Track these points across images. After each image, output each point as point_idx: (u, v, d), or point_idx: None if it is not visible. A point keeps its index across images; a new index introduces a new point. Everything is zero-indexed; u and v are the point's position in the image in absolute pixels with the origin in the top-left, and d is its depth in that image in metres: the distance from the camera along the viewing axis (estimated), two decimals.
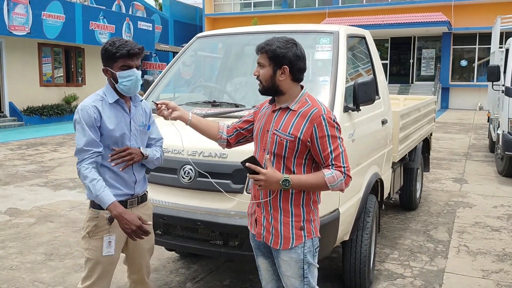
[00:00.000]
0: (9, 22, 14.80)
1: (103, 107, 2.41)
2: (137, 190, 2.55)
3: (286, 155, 2.17)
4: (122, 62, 2.38)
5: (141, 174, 2.59)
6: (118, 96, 2.46)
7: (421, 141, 6.06)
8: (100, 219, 2.45)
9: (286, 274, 2.27)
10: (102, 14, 18.73)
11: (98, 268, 2.47)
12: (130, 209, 2.51)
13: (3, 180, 7.71)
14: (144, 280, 2.76)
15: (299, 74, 2.21)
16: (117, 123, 2.44)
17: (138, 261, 2.67)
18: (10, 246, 4.72)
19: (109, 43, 2.40)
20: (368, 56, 4.14)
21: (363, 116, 3.47)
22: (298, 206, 2.20)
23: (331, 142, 2.12)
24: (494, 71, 8.35)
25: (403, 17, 22.83)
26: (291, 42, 2.19)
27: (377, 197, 3.96)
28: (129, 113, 2.52)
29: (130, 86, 2.42)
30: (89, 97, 2.48)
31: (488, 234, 5.12)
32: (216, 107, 3.49)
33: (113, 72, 2.40)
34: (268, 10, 27.98)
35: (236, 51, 4.44)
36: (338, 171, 2.11)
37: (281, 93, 2.21)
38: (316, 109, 2.14)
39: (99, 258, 2.46)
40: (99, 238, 2.46)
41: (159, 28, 25.94)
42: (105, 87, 2.50)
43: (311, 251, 2.25)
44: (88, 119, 2.36)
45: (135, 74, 2.43)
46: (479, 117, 18.99)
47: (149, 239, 2.67)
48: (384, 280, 3.94)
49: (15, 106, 15.94)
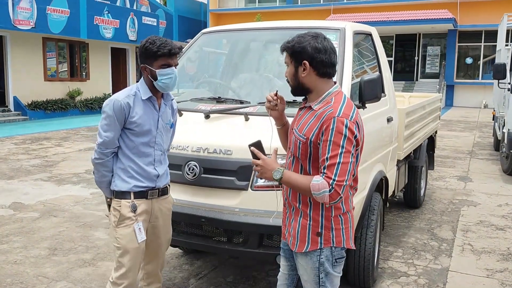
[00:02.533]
0: (14, 17, 14.81)
1: (134, 103, 2.50)
2: (158, 183, 2.64)
3: (300, 157, 2.08)
4: (163, 61, 2.47)
5: (163, 168, 2.67)
6: (151, 93, 2.54)
7: (426, 139, 6.04)
8: (123, 207, 2.53)
9: (304, 278, 2.20)
10: (107, 9, 18.71)
11: (127, 257, 2.54)
12: (151, 200, 2.61)
13: (7, 174, 7.73)
14: (157, 273, 2.84)
15: (323, 68, 2.06)
16: (146, 119, 2.53)
17: (155, 251, 2.75)
18: (14, 240, 4.74)
19: (149, 42, 2.47)
20: (374, 53, 4.12)
21: (368, 113, 3.45)
22: (317, 211, 2.07)
23: (331, 148, 1.94)
24: (500, 69, 8.29)
25: (408, 14, 22.72)
26: (310, 35, 2.07)
27: (382, 195, 3.94)
28: (159, 111, 2.60)
29: (169, 83, 2.51)
30: (122, 91, 2.57)
31: (493, 233, 5.09)
32: (221, 103, 3.48)
33: (152, 70, 2.48)
34: (272, 6, 27.90)
35: (241, 47, 4.43)
36: (325, 181, 1.92)
37: (308, 90, 2.10)
38: (332, 110, 1.99)
39: (126, 246, 2.53)
40: (125, 226, 2.53)
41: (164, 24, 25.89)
42: (140, 83, 2.58)
43: (330, 261, 2.11)
44: (120, 116, 2.46)
45: (174, 72, 2.52)
46: (484, 115, 18.90)
47: (167, 231, 2.79)
48: (388, 278, 3.93)
49: (19, 101, 15.98)
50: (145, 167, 2.56)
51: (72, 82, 18.30)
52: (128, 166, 2.54)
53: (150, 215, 2.63)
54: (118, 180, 2.55)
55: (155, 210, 2.64)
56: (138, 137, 2.53)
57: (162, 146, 2.65)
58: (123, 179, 2.54)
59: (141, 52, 2.51)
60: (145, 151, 2.56)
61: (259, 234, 2.93)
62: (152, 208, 2.62)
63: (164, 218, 2.72)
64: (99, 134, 2.49)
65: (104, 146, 2.49)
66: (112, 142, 2.50)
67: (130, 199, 2.54)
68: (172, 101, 2.74)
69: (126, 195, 2.54)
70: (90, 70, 19.23)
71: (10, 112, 15.84)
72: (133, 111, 2.49)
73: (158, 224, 2.68)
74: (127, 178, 2.54)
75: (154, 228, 2.67)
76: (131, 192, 2.54)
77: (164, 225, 2.73)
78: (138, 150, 2.55)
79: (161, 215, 2.69)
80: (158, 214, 2.66)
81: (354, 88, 3.30)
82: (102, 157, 2.52)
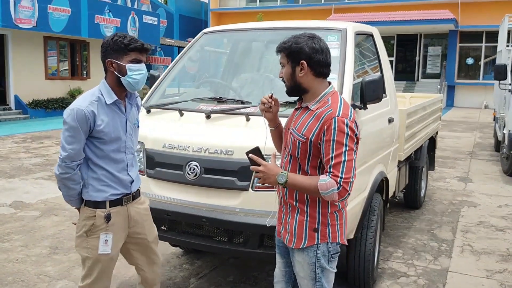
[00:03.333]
0: (15, 15, 14.81)
1: (98, 110, 2.33)
2: (132, 188, 2.54)
3: (299, 156, 2.11)
4: (134, 55, 2.33)
5: (135, 172, 2.58)
6: (116, 97, 2.39)
7: (427, 140, 6.04)
8: (97, 218, 2.42)
9: (300, 275, 2.24)
10: (108, 8, 18.70)
11: (97, 266, 2.46)
12: (126, 206, 2.51)
13: (8, 173, 7.74)
14: (156, 275, 2.77)
15: (320, 68, 2.11)
16: (114, 126, 2.39)
17: (145, 254, 2.69)
18: (15, 239, 4.74)
19: (118, 35, 2.33)
20: (376, 54, 4.12)
21: (369, 114, 3.45)
22: (314, 208, 2.13)
23: (334, 147, 1.99)
24: (501, 70, 8.29)
25: (410, 14, 22.69)
26: (307, 36, 2.12)
27: (382, 195, 3.95)
28: (125, 113, 2.46)
29: (139, 80, 2.37)
30: (82, 97, 2.37)
31: (493, 234, 5.10)
32: (222, 104, 3.49)
33: (121, 65, 2.32)
34: (274, 6, 27.87)
35: (243, 47, 4.43)
36: (333, 180, 1.98)
37: (305, 90, 2.15)
38: (331, 110, 2.03)
39: (99, 256, 2.45)
40: (97, 237, 2.43)
41: (164, 23, 25.89)
42: (102, 85, 2.40)
43: (326, 256, 2.18)
44: (84, 126, 2.29)
45: (145, 69, 2.40)
46: (484, 115, 18.89)
47: (151, 230, 2.70)
48: (387, 278, 3.94)
49: (20, 99, 15.98)
50: (118, 174, 2.44)
51: (73, 81, 18.30)
52: (101, 175, 2.40)
53: (129, 220, 2.54)
54: (92, 190, 2.41)
55: (132, 214, 2.54)
56: (107, 145, 2.38)
57: (132, 149, 2.54)
58: (98, 188, 2.41)
59: (107, 46, 2.33)
60: (116, 157, 2.43)
61: (259, 234, 2.94)
62: (128, 213, 2.53)
63: (144, 218, 2.63)
64: (63, 147, 2.31)
65: (70, 159, 2.31)
66: (78, 154, 2.33)
67: (106, 208, 2.42)
68: (137, 98, 2.57)
69: (101, 205, 2.42)
70: (91, 69, 19.24)
71: (11, 110, 15.84)
72: (98, 119, 2.31)
73: (138, 226, 2.60)
74: (102, 187, 2.41)
75: (137, 231, 2.60)
76: (107, 201, 2.43)
77: (146, 225, 2.65)
78: (109, 158, 2.41)
79: (140, 217, 2.60)
80: (137, 217, 2.58)
81: (355, 89, 3.30)
82: (68, 171, 2.33)
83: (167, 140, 3.21)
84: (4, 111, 15.56)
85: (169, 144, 3.18)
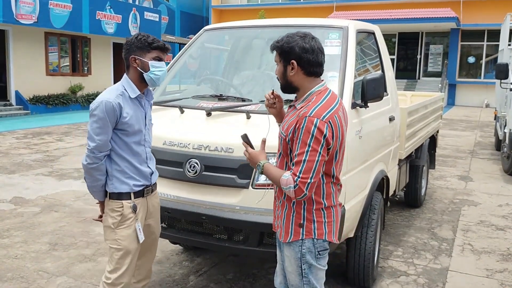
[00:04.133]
0: (16, 11, 14.80)
1: (124, 103, 2.45)
2: (152, 180, 2.65)
3: (283, 152, 2.21)
4: (156, 53, 2.47)
5: (153, 165, 2.69)
6: (139, 91, 2.52)
7: (428, 138, 6.03)
8: (125, 208, 2.51)
9: (288, 269, 2.30)
10: (109, 4, 18.67)
11: (128, 258, 2.53)
12: (146, 198, 2.61)
13: (8, 168, 7.74)
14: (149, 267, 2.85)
15: (310, 67, 2.14)
16: (136, 119, 2.51)
17: (149, 247, 2.77)
18: (15, 235, 4.74)
19: (142, 35, 2.47)
20: (377, 52, 4.11)
21: (370, 112, 3.45)
22: (299, 204, 2.19)
23: (299, 146, 2.04)
24: (503, 69, 8.28)
25: (411, 12, 22.64)
26: (299, 35, 2.15)
27: (383, 194, 3.94)
28: (144, 108, 2.59)
29: (160, 76, 2.51)
30: (108, 91, 2.50)
31: (493, 233, 5.09)
32: (223, 101, 3.48)
33: (144, 61, 2.45)
34: (275, 3, 27.83)
35: (244, 45, 4.41)
36: (291, 177, 2.04)
37: (296, 89, 2.21)
38: (306, 110, 2.08)
39: (128, 247, 2.52)
40: (126, 227, 2.51)
41: (166, 19, 25.85)
42: (125, 81, 2.53)
43: (313, 252, 2.20)
44: (112, 117, 2.41)
45: (165, 66, 2.53)
46: (485, 114, 18.87)
47: (159, 226, 2.82)
48: (387, 277, 3.93)
49: (21, 95, 15.97)
50: (139, 166, 2.55)
51: (74, 77, 18.29)
52: (125, 167, 2.51)
53: (146, 212, 2.64)
54: (117, 182, 2.51)
55: (149, 206, 2.66)
56: (130, 137, 2.49)
57: (150, 143, 2.66)
58: (122, 180, 2.51)
59: (131, 43, 2.46)
60: (138, 150, 2.54)
61: (259, 232, 2.93)
62: (147, 205, 2.64)
63: (156, 213, 2.76)
64: (91, 138, 2.42)
65: (98, 149, 2.42)
66: (106, 144, 2.44)
67: (131, 199, 2.53)
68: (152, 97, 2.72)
69: (126, 196, 2.52)
70: (92, 65, 19.22)
71: (11, 106, 15.84)
72: (124, 112, 2.44)
73: (151, 220, 2.71)
74: (126, 179, 2.51)
75: (150, 223, 2.70)
76: (132, 192, 2.53)
77: (156, 220, 2.77)
78: (132, 150, 2.51)
79: (154, 210, 2.72)
80: (152, 210, 2.69)
81: (356, 87, 3.29)
82: (96, 161, 2.44)
83: (167, 137, 3.20)
84: (4, 106, 15.56)
85: (169, 141, 3.18)
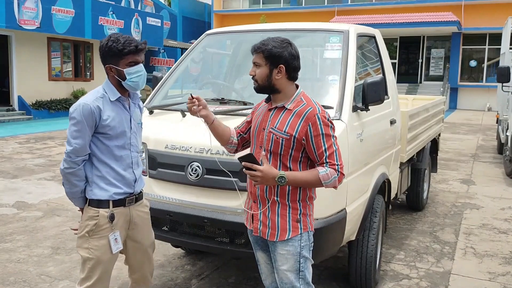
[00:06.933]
0: (19, 16, 14.88)
1: (104, 105, 2.37)
2: (136, 188, 2.53)
3: (282, 153, 2.25)
4: (130, 58, 2.35)
5: (139, 171, 2.58)
6: (120, 94, 2.44)
7: (429, 142, 6.03)
8: (100, 217, 2.41)
9: (282, 268, 2.32)
10: (111, 9, 18.77)
11: (99, 268, 2.43)
12: (128, 207, 2.50)
13: (11, 173, 7.76)
14: (146, 278, 2.74)
15: (294, 73, 2.28)
16: (119, 121, 2.42)
17: (140, 258, 2.66)
18: (17, 239, 4.76)
19: (111, 40, 2.33)
20: (378, 56, 4.12)
21: (371, 116, 3.46)
22: (295, 201, 2.28)
23: (325, 140, 2.20)
24: (504, 72, 8.28)
25: (413, 16, 22.68)
26: (286, 41, 2.26)
27: (384, 197, 3.94)
28: (129, 110, 2.50)
29: (139, 81, 2.41)
30: (88, 94, 2.42)
31: (495, 236, 5.08)
32: (225, 105, 3.49)
33: (119, 69, 2.35)
34: (277, 8, 27.92)
35: (245, 49, 4.43)
36: (332, 168, 2.20)
37: (277, 91, 2.29)
38: (311, 109, 2.22)
39: (100, 257, 2.42)
40: (100, 237, 2.42)
41: (168, 24, 25.97)
42: (105, 84, 2.44)
43: (307, 245, 2.33)
44: (90, 120, 2.32)
45: (143, 69, 2.42)
46: (487, 118, 18.85)
47: (149, 236, 2.68)
48: (389, 280, 3.93)
49: (24, 100, 16.04)
50: (122, 172, 2.44)
51: (77, 82, 18.37)
52: (106, 173, 2.41)
53: (129, 222, 2.53)
54: (96, 188, 2.41)
55: (133, 217, 2.54)
56: (112, 140, 2.40)
57: (137, 147, 2.55)
58: (101, 187, 2.41)
59: (103, 52, 2.35)
60: (121, 154, 2.44)
61: None
62: (130, 215, 2.52)
63: (144, 223, 2.62)
64: (68, 142, 2.34)
65: (75, 154, 2.33)
66: (83, 149, 2.34)
67: (109, 208, 2.42)
68: (139, 99, 2.61)
69: (104, 204, 2.42)
70: (95, 70, 19.29)
71: (14, 111, 15.90)
72: (104, 114, 2.35)
73: (137, 230, 2.58)
74: (106, 186, 2.41)
75: (135, 235, 2.58)
76: (110, 200, 2.42)
77: (145, 230, 2.63)
78: (114, 154, 2.42)
79: (140, 221, 2.59)
80: (137, 220, 2.56)
81: (357, 90, 3.30)
82: (73, 166, 2.35)
83: (169, 140, 3.22)
84: (7, 111, 15.62)
85: (171, 145, 3.19)
